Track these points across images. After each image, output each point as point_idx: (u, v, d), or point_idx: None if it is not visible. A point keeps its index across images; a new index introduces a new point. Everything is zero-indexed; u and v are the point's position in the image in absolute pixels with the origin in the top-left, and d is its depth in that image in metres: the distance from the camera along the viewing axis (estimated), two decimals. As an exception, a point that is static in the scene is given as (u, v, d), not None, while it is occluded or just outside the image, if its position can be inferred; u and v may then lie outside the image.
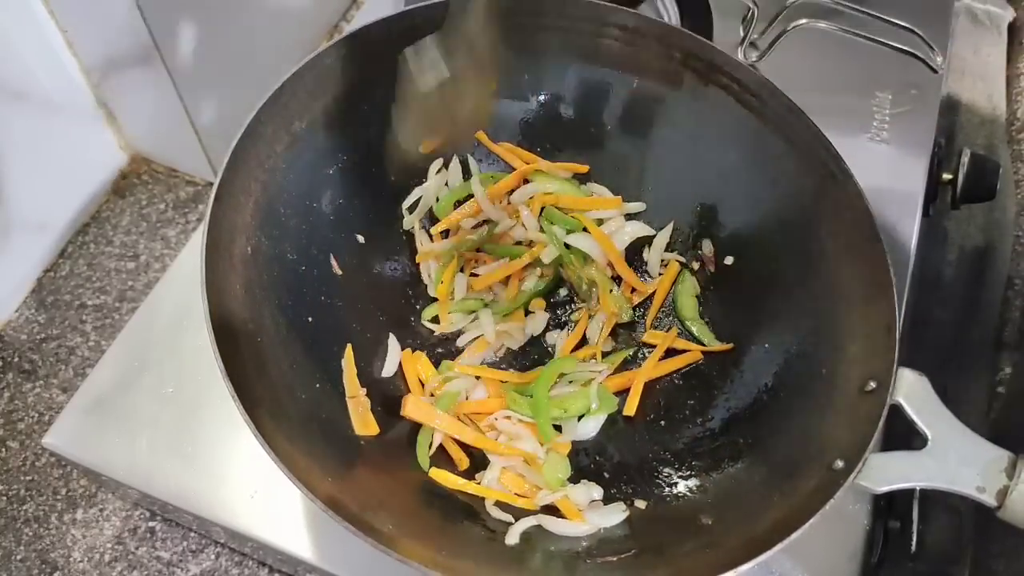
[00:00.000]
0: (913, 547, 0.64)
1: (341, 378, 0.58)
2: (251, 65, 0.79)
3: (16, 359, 0.75)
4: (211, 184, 0.53)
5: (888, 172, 0.76)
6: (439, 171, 0.68)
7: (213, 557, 0.65)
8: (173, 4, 0.68)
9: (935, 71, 0.79)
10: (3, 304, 0.77)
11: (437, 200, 0.68)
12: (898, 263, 0.70)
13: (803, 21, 0.71)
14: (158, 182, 0.86)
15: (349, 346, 0.59)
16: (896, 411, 0.51)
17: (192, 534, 0.66)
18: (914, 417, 0.50)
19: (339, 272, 0.62)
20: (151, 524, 0.66)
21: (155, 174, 0.86)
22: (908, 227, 0.72)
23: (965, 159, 0.75)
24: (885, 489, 0.48)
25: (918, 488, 0.49)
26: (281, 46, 0.83)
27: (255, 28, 0.80)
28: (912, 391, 0.50)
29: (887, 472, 0.48)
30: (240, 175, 0.54)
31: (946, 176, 0.76)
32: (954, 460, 0.48)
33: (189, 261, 0.69)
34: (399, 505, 0.52)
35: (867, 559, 0.58)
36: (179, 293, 0.67)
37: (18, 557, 0.66)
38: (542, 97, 0.68)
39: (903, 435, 0.51)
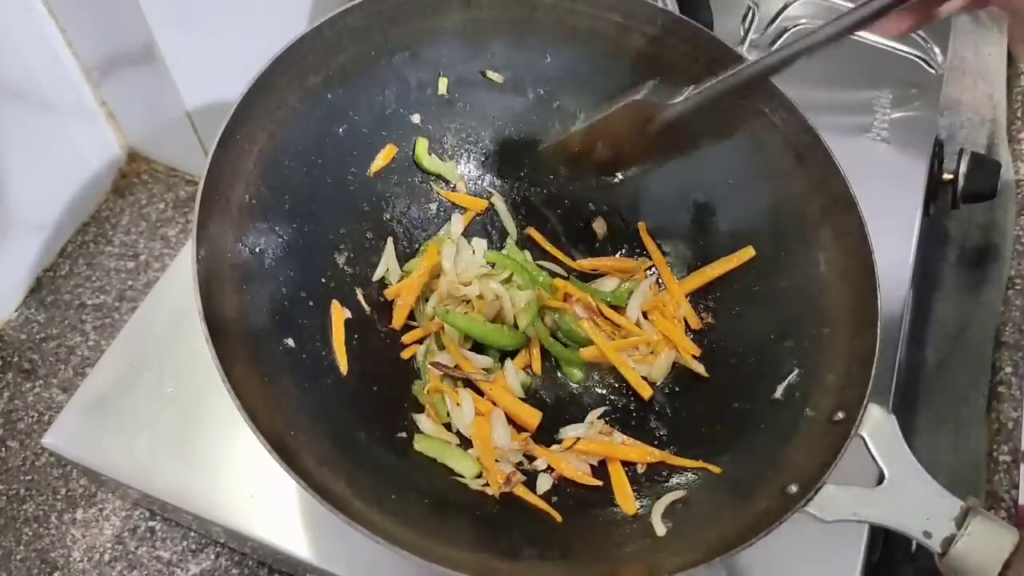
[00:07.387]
0: (913, 547, 0.65)
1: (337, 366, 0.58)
2: (251, 65, 0.79)
3: (16, 359, 0.75)
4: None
5: (888, 172, 0.76)
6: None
7: (213, 557, 0.65)
8: (173, 3, 0.68)
9: (935, 71, 0.79)
10: (3, 303, 0.77)
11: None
12: (898, 263, 0.71)
13: (803, 21, 0.71)
14: (158, 181, 0.86)
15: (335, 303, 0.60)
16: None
17: (192, 534, 0.66)
18: (874, 453, 0.49)
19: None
20: (151, 524, 0.66)
21: (155, 173, 0.86)
22: (908, 227, 0.72)
23: (965, 159, 0.75)
24: (833, 520, 0.47)
25: (867, 523, 0.48)
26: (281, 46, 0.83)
27: (255, 28, 0.79)
28: (877, 427, 0.50)
29: (838, 504, 0.48)
30: (248, 123, 0.55)
31: (946, 176, 0.77)
32: (906, 502, 0.48)
33: (189, 261, 0.69)
34: (398, 497, 0.52)
35: (867, 559, 0.58)
36: (179, 292, 0.67)
37: (18, 557, 0.65)
38: (542, 92, 0.67)
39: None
